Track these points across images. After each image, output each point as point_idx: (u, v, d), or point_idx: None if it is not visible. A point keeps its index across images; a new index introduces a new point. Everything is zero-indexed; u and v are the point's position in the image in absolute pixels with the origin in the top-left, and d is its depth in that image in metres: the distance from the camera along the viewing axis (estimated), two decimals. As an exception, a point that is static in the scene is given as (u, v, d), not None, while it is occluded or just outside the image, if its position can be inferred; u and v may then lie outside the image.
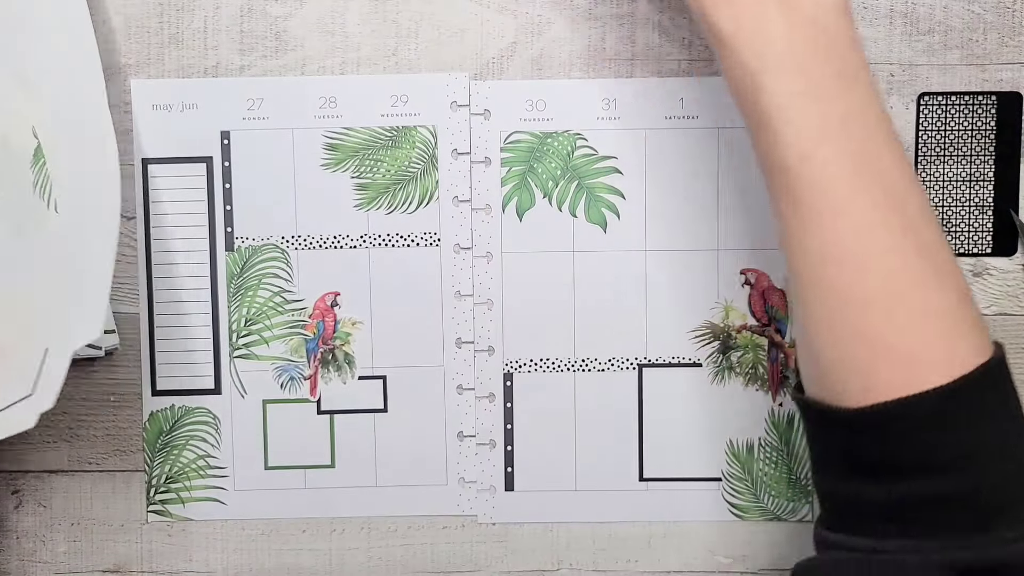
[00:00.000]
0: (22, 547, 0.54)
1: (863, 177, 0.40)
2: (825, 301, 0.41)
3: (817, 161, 0.40)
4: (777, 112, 0.41)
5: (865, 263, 0.40)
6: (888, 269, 0.40)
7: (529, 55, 0.52)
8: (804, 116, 0.40)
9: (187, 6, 0.52)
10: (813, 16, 0.41)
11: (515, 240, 0.53)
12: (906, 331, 0.39)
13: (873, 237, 0.40)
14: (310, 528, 0.54)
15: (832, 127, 0.40)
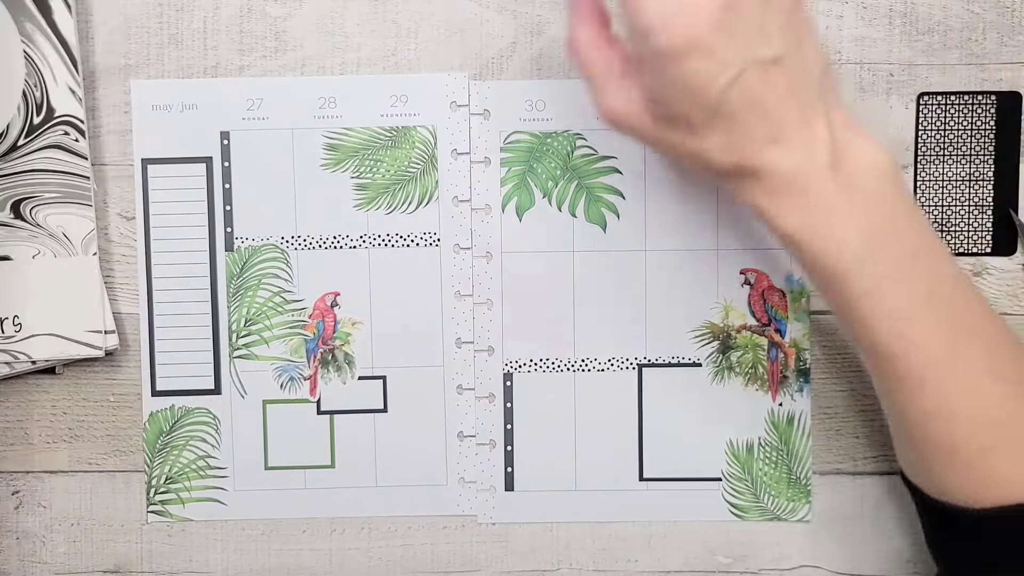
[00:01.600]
0: (22, 547, 0.54)
1: (960, 340, 0.42)
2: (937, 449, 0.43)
3: (915, 338, 0.42)
4: (865, 300, 0.42)
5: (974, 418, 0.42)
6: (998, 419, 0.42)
7: (529, 55, 0.52)
8: (893, 299, 0.41)
9: (187, 6, 0.52)
10: (877, 200, 0.41)
11: (515, 240, 0.53)
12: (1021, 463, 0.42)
13: (980, 394, 0.42)
14: (310, 528, 0.54)
15: (920, 302, 0.42)
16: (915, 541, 0.53)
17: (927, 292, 0.42)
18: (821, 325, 0.53)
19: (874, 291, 0.41)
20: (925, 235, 0.43)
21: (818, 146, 0.41)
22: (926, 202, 0.52)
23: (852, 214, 0.41)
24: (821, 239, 0.41)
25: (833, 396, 0.53)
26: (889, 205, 0.42)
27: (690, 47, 0.38)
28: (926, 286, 0.42)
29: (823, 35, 0.52)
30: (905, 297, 0.41)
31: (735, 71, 0.39)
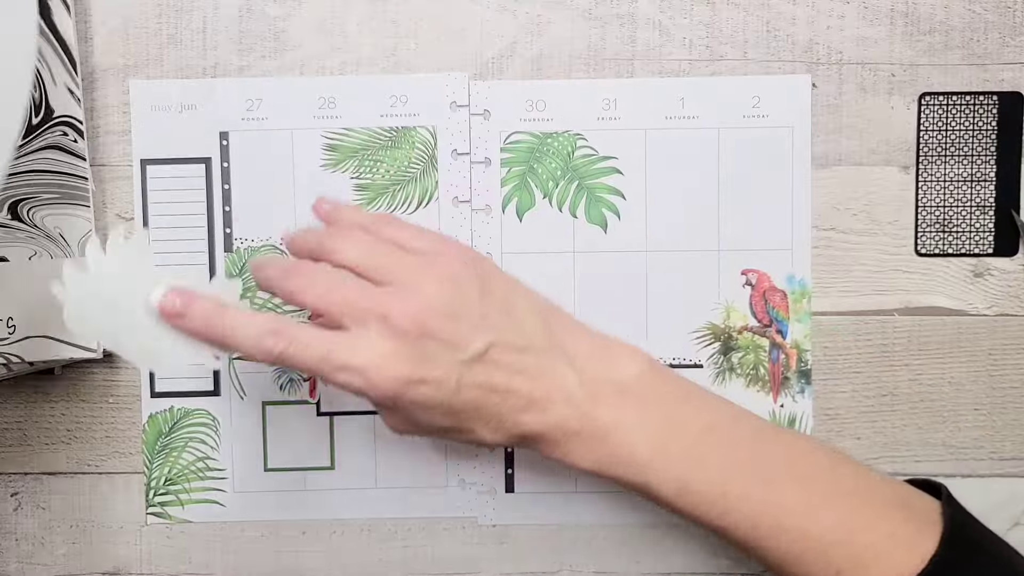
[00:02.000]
0: (21, 549, 0.54)
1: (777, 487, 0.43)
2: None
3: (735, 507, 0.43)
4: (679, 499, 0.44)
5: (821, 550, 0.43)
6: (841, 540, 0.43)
7: (529, 55, 0.52)
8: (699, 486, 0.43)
9: (186, 6, 0.52)
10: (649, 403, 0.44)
11: (515, 240, 0.53)
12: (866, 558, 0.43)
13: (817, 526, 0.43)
14: (310, 530, 0.54)
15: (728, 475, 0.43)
16: (916, 542, 0.53)
17: (728, 459, 0.44)
18: (822, 326, 0.53)
19: (682, 488, 0.43)
20: (708, 407, 0.45)
21: (569, 392, 0.43)
22: (928, 203, 0.52)
23: (632, 431, 0.43)
24: (615, 466, 0.44)
25: (834, 397, 0.53)
26: (661, 401, 0.44)
27: (400, 392, 0.41)
28: (726, 455, 0.44)
29: (824, 35, 0.52)
30: (707, 483, 0.43)
31: (453, 381, 0.42)
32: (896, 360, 0.53)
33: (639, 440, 0.43)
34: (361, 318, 0.41)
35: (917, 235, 0.52)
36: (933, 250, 0.52)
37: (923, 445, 0.53)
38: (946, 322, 0.52)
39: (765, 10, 0.52)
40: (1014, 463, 0.53)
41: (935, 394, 0.53)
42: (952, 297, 0.52)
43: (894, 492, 0.45)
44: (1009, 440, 0.53)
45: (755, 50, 0.52)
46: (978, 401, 0.53)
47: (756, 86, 0.52)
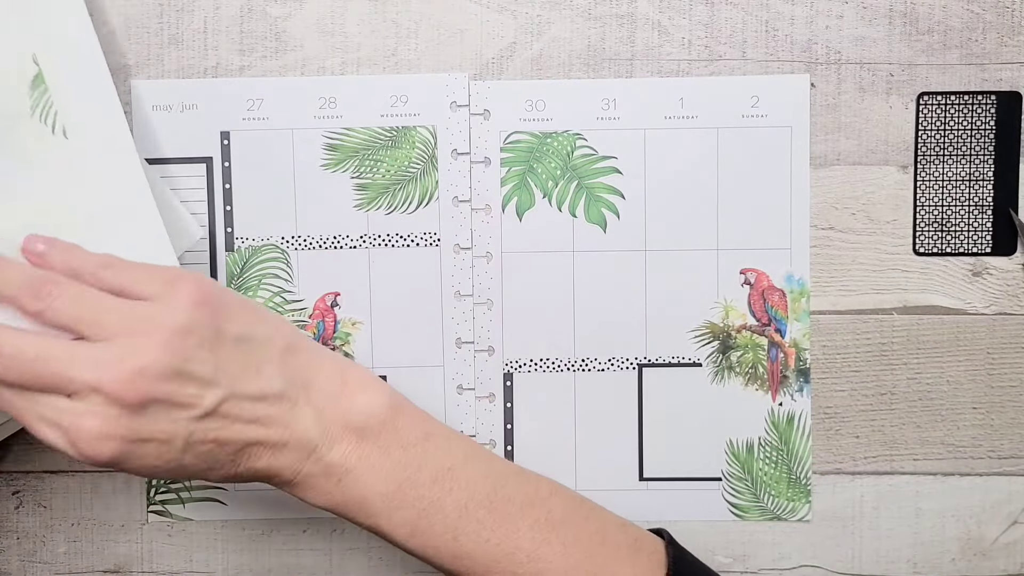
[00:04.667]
0: (22, 547, 0.54)
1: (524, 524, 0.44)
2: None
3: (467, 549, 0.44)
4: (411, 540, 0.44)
5: None
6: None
7: (529, 55, 0.52)
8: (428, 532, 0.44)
9: (187, 6, 0.52)
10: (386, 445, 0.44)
11: (515, 240, 0.53)
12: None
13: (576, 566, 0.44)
14: (311, 528, 0.54)
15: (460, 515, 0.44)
16: (915, 541, 0.53)
17: (464, 503, 0.44)
18: (821, 325, 0.53)
19: (413, 532, 0.44)
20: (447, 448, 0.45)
21: (304, 436, 0.42)
22: (926, 202, 0.52)
23: (363, 477, 0.43)
24: (347, 508, 0.44)
25: (833, 396, 0.53)
26: (398, 444, 0.44)
27: (117, 458, 0.39)
28: (460, 499, 0.44)
29: (823, 35, 0.52)
30: (440, 525, 0.43)
31: (181, 440, 0.40)
32: (895, 359, 0.53)
33: (370, 486, 0.43)
34: (72, 389, 0.39)
35: (915, 234, 0.53)
36: (931, 249, 0.53)
37: (921, 444, 0.53)
38: (944, 321, 0.53)
39: (764, 10, 0.52)
40: (1012, 462, 0.53)
41: (933, 393, 0.53)
42: (950, 296, 0.53)
43: (626, 536, 0.46)
44: (1007, 439, 0.53)
45: (754, 50, 0.52)
46: (976, 400, 0.53)
47: (755, 86, 0.52)
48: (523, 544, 0.44)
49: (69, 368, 0.39)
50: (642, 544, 0.46)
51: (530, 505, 0.45)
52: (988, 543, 0.53)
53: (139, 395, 0.39)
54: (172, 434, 0.40)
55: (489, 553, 0.43)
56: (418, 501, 0.43)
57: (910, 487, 0.53)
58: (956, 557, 0.53)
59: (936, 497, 0.53)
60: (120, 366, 0.38)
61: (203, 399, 0.40)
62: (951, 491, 0.53)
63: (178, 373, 0.39)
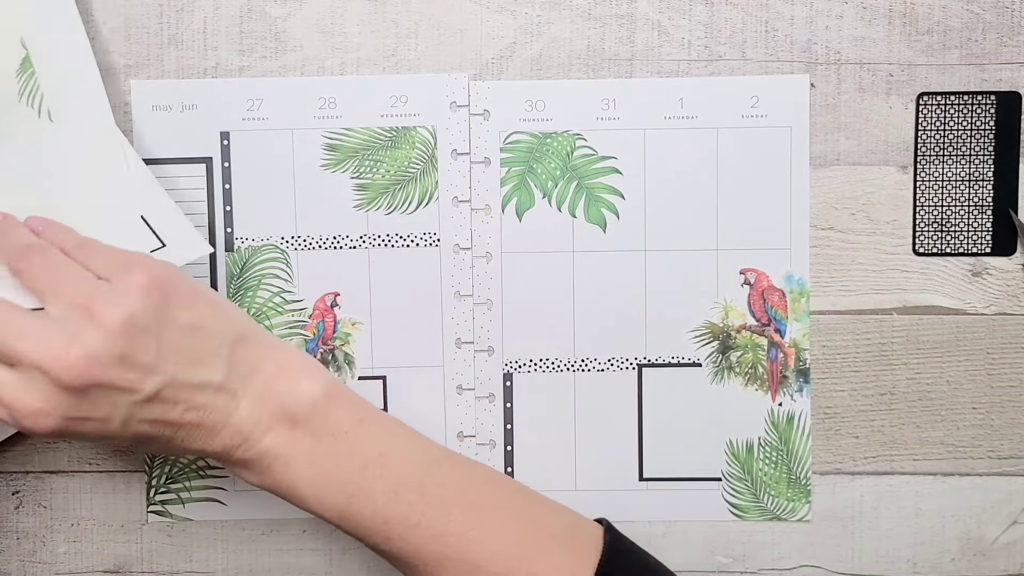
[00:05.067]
0: (22, 548, 0.54)
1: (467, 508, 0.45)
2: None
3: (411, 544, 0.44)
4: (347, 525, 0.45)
5: None
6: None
7: (528, 55, 0.52)
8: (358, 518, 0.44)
9: (187, 7, 0.52)
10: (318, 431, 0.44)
11: (515, 240, 0.53)
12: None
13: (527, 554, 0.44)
14: (310, 528, 0.54)
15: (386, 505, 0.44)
16: (915, 541, 0.53)
17: (394, 488, 0.44)
18: (821, 325, 0.53)
19: (343, 517, 0.44)
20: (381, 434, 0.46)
21: (240, 423, 0.44)
22: (926, 202, 0.52)
23: (293, 464, 0.44)
24: (279, 492, 0.45)
25: (833, 396, 0.53)
26: (330, 430, 0.44)
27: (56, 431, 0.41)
28: (390, 484, 0.44)
29: (823, 35, 0.52)
30: (370, 510, 0.44)
31: (118, 420, 0.41)
32: (894, 359, 0.53)
33: (300, 474, 0.44)
34: (15, 361, 0.40)
35: (915, 234, 0.53)
36: (931, 249, 0.53)
37: (921, 444, 0.53)
38: (944, 321, 0.53)
39: (763, 10, 0.52)
40: (1012, 462, 0.53)
41: (933, 393, 0.53)
42: (950, 296, 0.53)
43: (562, 522, 0.46)
44: (1007, 439, 0.53)
45: (753, 50, 0.52)
46: (976, 400, 0.53)
47: (754, 86, 0.52)
48: (453, 528, 0.44)
49: (17, 340, 0.40)
50: (578, 530, 0.46)
51: (463, 490, 0.45)
52: (988, 543, 0.53)
53: (82, 380, 0.40)
54: (110, 415, 0.41)
55: (419, 536, 0.44)
56: (347, 487, 0.44)
57: (910, 487, 0.53)
58: (956, 557, 0.53)
59: (936, 497, 0.53)
60: (66, 350, 0.40)
61: (144, 385, 0.41)
62: (951, 491, 0.53)
63: (122, 360, 0.41)
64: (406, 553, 0.44)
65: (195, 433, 0.43)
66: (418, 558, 0.44)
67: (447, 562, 0.44)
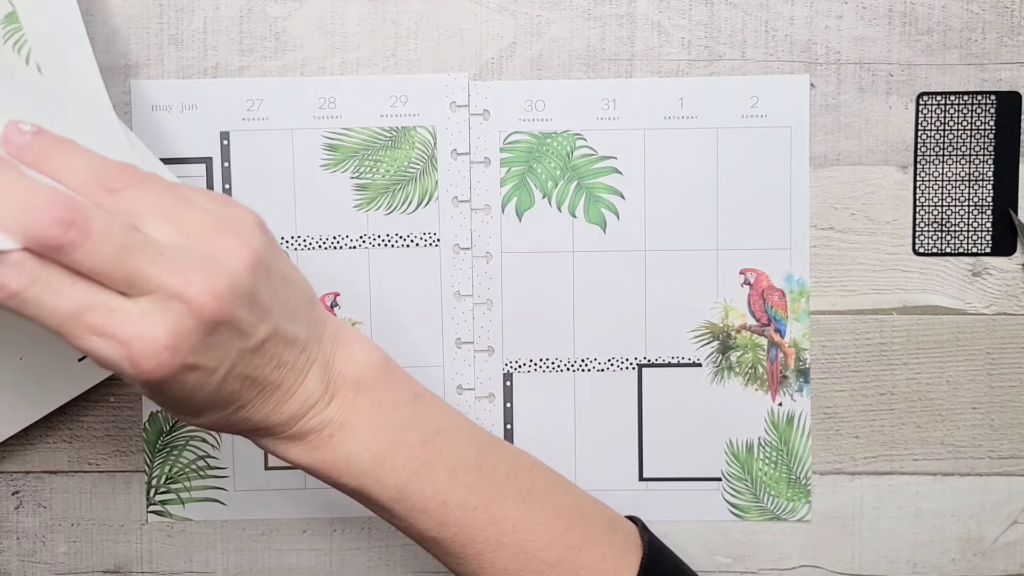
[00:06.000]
0: (22, 548, 0.54)
1: (504, 500, 0.44)
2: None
3: (455, 519, 0.43)
4: (394, 505, 0.43)
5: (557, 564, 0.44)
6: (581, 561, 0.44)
7: (528, 55, 0.52)
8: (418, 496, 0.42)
9: (187, 7, 0.52)
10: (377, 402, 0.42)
11: (515, 240, 0.53)
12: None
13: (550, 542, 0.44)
14: (310, 528, 0.54)
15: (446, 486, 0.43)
16: (915, 541, 0.53)
17: (453, 467, 0.43)
18: (821, 325, 0.53)
19: (401, 495, 0.42)
20: (436, 411, 0.44)
21: (311, 389, 0.41)
22: (926, 202, 0.52)
23: (355, 434, 0.41)
24: (334, 467, 0.42)
25: (833, 396, 0.53)
26: (391, 401, 0.43)
27: (165, 379, 0.35)
28: (449, 463, 0.43)
29: (823, 35, 0.52)
30: (431, 488, 0.42)
31: (223, 371, 0.37)
32: (894, 359, 0.53)
33: (362, 443, 0.42)
34: (149, 289, 0.34)
35: (915, 234, 0.53)
36: (931, 249, 0.53)
37: (921, 444, 0.53)
38: (944, 321, 0.53)
39: (763, 10, 0.52)
40: (1012, 462, 0.53)
41: (933, 393, 0.53)
42: (950, 296, 0.53)
43: (603, 515, 0.46)
44: (1007, 439, 0.53)
45: (753, 50, 0.52)
46: (976, 400, 0.53)
47: (754, 86, 0.52)
48: (509, 513, 0.43)
49: (153, 266, 0.34)
50: (617, 524, 0.46)
51: (514, 475, 0.44)
52: (988, 543, 0.53)
53: (222, 313, 0.35)
54: (220, 362, 0.37)
55: (476, 520, 0.43)
56: (409, 462, 0.42)
57: (910, 487, 0.53)
58: (956, 557, 0.53)
59: (936, 497, 0.53)
60: (211, 278, 0.35)
61: (258, 329, 0.37)
62: (951, 491, 0.53)
63: (251, 298, 0.37)
64: (460, 539, 0.43)
65: (271, 397, 0.40)
66: (473, 545, 0.43)
67: (501, 548, 0.43)
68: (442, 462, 0.43)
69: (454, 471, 0.43)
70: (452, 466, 0.43)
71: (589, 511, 0.46)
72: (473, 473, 0.43)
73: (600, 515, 0.46)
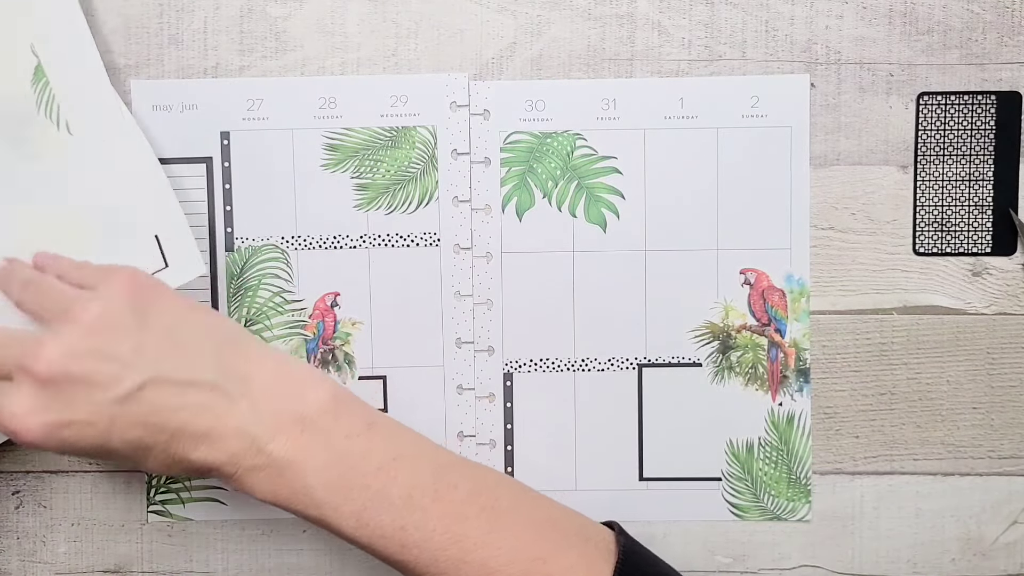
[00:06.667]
0: (22, 547, 0.54)
1: (465, 520, 0.44)
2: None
3: (415, 540, 0.44)
4: (358, 532, 0.44)
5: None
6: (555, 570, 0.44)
7: (528, 55, 0.52)
8: (376, 523, 0.44)
9: (187, 7, 0.52)
10: (328, 432, 0.44)
11: (515, 240, 0.53)
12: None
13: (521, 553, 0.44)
14: (310, 528, 0.54)
15: (402, 510, 0.44)
16: (915, 541, 0.53)
17: (408, 492, 0.44)
18: (821, 325, 0.53)
19: (360, 523, 0.43)
20: (392, 438, 0.45)
21: (242, 425, 0.43)
22: (926, 202, 0.52)
23: (307, 468, 0.43)
24: (292, 501, 0.43)
25: (833, 396, 0.53)
26: (342, 433, 0.44)
27: (45, 437, 0.41)
28: (406, 488, 0.44)
29: (823, 35, 0.52)
30: (387, 515, 0.43)
31: (103, 423, 0.42)
32: (894, 359, 0.53)
33: (315, 477, 0.43)
34: (5, 372, 0.42)
35: (915, 234, 0.53)
36: (931, 249, 0.53)
37: (921, 444, 0.53)
38: (944, 321, 0.53)
39: (763, 10, 0.52)
40: (1012, 462, 0.53)
41: (933, 393, 0.53)
42: (950, 296, 0.53)
43: (573, 524, 0.46)
44: (1007, 439, 0.53)
45: (754, 50, 0.52)
46: (976, 400, 0.53)
47: (755, 86, 0.52)
48: (471, 532, 0.44)
49: (4, 350, 0.42)
50: (590, 533, 0.46)
51: (476, 493, 0.45)
52: (988, 543, 0.53)
53: (56, 372, 0.41)
54: (94, 415, 0.41)
55: (436, 542, 0.43)
56: (364, 491, 0.43)
57: (910, 487, 0.53)
58: (956, 557, 0.53)
59: (936, 497, 0.53)
60: (44, 347, 0.41)
61: (122, 380, 0.42)
62: (951, 491, 0.53)
63: (96, 352, 0.41)
64: (423, 561, 0.44)
65: (193, 442, 0.43)
66: (436, 565, 0.44)
67: (464, 567, 0.43)
68: (397, 488, 0.44)
69: (410, 496, 0.44)
70: (407, 491, 0.44)
71: (560, 522, 0.46)
72: (430, 496, 0.44)
73: (571, 525, 0.46)
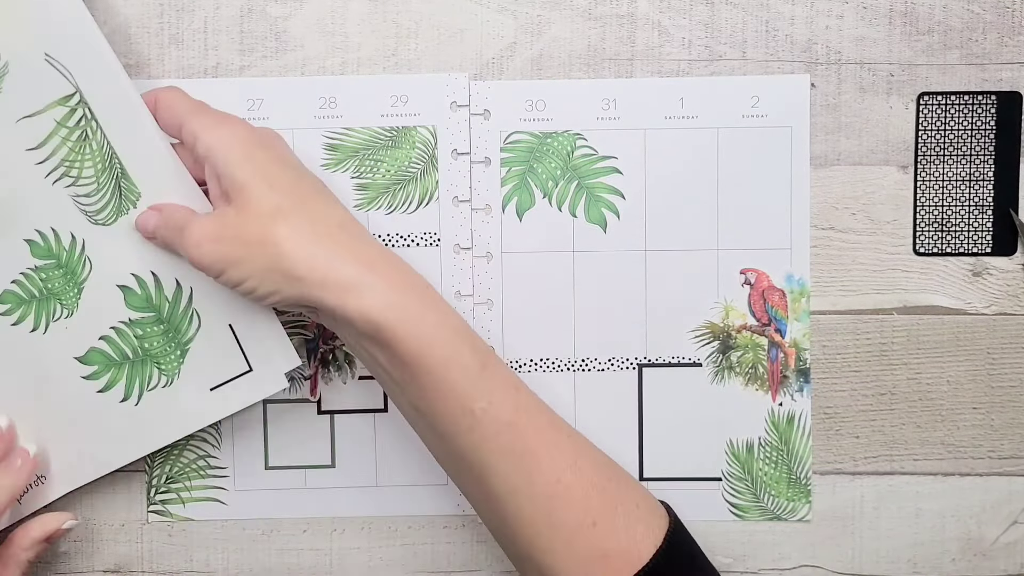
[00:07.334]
0: (23, 547, 0.54)
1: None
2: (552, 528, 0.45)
3: None
4: None
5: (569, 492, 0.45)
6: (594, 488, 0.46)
7: (529, 55, 0.52)
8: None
9: (187, 6, 0.52)
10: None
11: (515, 240, 0.53)
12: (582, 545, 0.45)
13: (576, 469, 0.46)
14: (311, 528, 0.54)
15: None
16: (915, 541, 0.53)
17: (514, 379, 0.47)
18: (821, 325, 0.53)
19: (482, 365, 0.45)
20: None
21: None
22: (926, 202, 0.52)
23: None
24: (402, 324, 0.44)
25: (833, 396, 0.53)
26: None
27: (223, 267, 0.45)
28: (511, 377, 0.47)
29: (823, 35, 0.52)
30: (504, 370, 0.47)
31: None
32: (895, 359, 0.53)
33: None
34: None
35: (916, 234, 0.53)
36: (932, 249, 0.53)
37: (921, 444, 0.53)
38: (945, 321, 0.53)
39: (764, 10, 0.52)
40: (1012, 462, 0.53)
41: (934, 393, 0.53)
42: (951, 296, 0.53)
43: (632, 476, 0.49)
44: (1007, 439, 0.53)
45: (754, 50, 0.52)
46: (976, 400, 0.53)
47: (755, 86, 0.52)
48: (564, 446, 0.46)
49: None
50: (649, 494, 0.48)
51: (559, 422, 0.47)
52: (988, 543, 0.53)
53: None
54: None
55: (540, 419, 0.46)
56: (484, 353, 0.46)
57: (910, 487, 0.53)
58: (956, 557, 0.53)
59: (936, 497, 0.53)
60: None
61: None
62: (951, 491, 0.53)
63: None
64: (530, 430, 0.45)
65: None
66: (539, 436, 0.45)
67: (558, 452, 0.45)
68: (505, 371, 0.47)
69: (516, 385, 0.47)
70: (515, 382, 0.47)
71: (620, 467, 0.49)
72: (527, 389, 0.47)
73: (631, 475, 0.49)
